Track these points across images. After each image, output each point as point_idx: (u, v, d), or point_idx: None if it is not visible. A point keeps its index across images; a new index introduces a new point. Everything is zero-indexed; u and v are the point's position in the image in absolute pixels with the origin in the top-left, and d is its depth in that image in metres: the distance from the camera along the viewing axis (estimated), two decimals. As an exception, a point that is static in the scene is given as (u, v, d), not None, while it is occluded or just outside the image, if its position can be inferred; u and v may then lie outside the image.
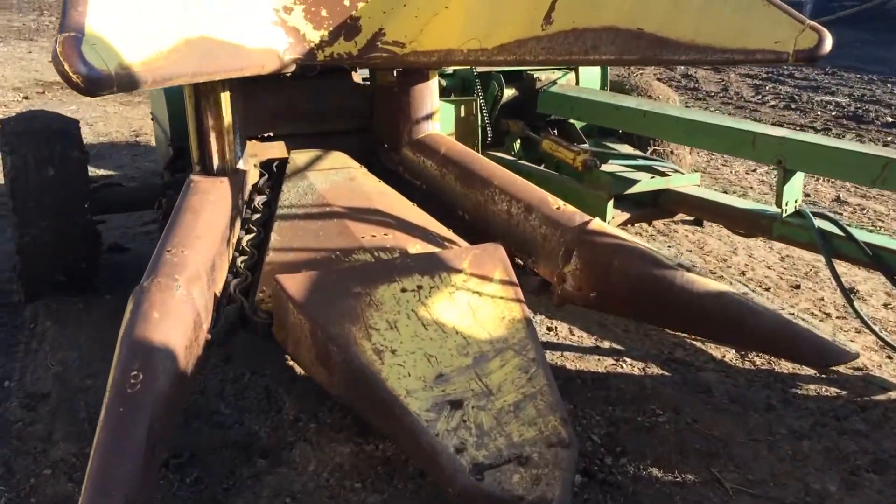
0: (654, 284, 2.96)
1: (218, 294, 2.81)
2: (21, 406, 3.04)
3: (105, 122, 8.42)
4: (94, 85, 1.88)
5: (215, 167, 3.14)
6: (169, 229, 2.73)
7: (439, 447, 2.22)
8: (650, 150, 5.15)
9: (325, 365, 2.55)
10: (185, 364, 2.30)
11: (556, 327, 3.75)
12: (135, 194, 4.25)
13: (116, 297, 4.01)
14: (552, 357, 3.41)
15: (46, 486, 2.57)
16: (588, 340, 3.64)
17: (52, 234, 3.73)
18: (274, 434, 2.90)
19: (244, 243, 3.10)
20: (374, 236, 3.05)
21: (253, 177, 3.50)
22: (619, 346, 3.58)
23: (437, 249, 3.08)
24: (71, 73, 1.88)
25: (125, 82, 1.98)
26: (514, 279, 2.91)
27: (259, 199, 3.36)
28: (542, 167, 4.86)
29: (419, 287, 2.76)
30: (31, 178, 3.67)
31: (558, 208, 3.19)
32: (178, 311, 2.37)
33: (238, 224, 3.15)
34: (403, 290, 2.73)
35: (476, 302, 2.76)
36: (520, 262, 3.32)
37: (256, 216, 3.27)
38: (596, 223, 3.10)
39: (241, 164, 3.32)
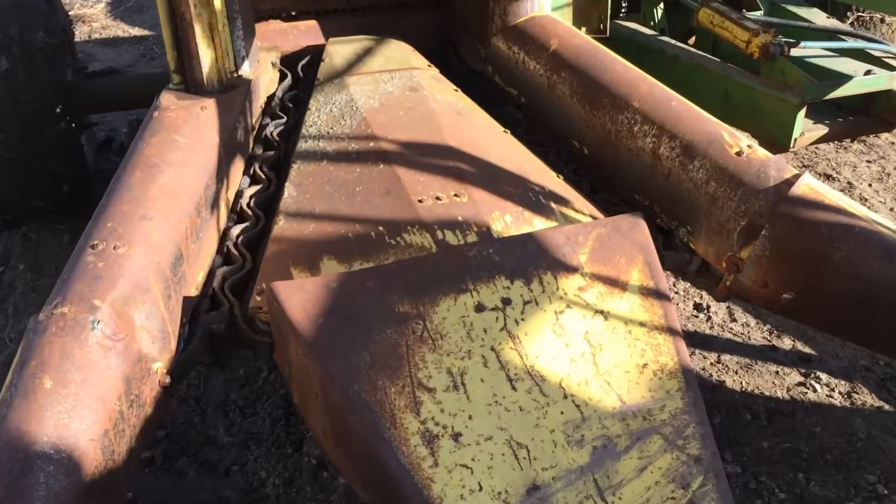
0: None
1: (196, 291, 1.87)
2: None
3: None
4: None
5: (200, 80, 2.08)
6: (105, 200, 1.75)
7: None
8: (850, 18, 3.71)
9: (341, 445, 1.60)
10: (99, 468, 1.39)
11: (708, 306, 2.65)
12: (135, 86, 3.24)
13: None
14: (703, 362, 2.35)
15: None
16: (758, 334, 2.53)
17: (15, 149, 2.82)
18: (286, 491, 2.02)
19: (246, 199, 2.10)
20: (438, 198, 1.99)
21: (269, 82, 2.44)
22: (806, 349, 2.47)
23: (536, 221, 2.00)
24: None
25: None
26: (664, 285, 1.82)
27: (274, 124, 2.31)
28: (690, 46, 3.54)
29: (505, 302, 1.72)
30: (-21, 73, 2.72)
31: (739, 153, 2.02)
32: (91, 373, 1.44)
33: (238, 167, 2.14)
34: (479, 308, 1.71)
35: (599, 332, 1.71)
36: (667, 228, 2.20)
37: (269, 150, 2.24)
38: (805, 184, 1.92)
39: (245, 68, 2.25)
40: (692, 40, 3.82)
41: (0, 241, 3.10)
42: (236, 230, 2.03)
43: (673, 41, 3.50)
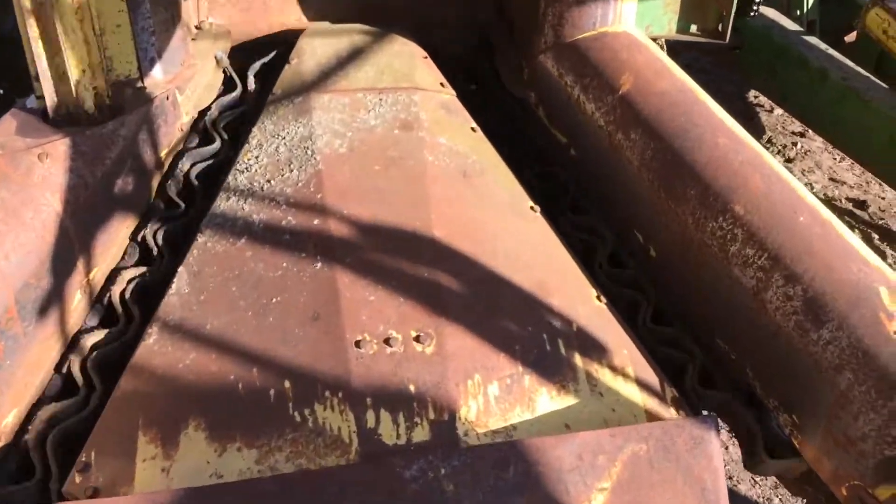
0: None
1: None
2: None
3: None
4: None
5: (46, 105, 1.40)
6: None
7: None
8: None
9: None
10: None
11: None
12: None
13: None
14: None
15: None
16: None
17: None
18: None
19: (120, 287, 1.45)
20: (387, 341, 1.27)
21: (205, 90, 1.73)
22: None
23: (540, 400, 1.26)
24: None
25: None
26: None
27: (191, 158, 1.63)
28: (844, 59, 2.60)
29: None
30: None
31: (905, 329, 1.21)
32: None
33: (113, 235, 1.47)
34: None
35: None
36: (762, 403, 1.43)
37: (172, 208, 1.57)
38: None
39: (156, 75, 1.56)
40: (850, 37, 2.88)
41: None
42: (90, 338, 1.38)
43: (822, 46, 2.58)
